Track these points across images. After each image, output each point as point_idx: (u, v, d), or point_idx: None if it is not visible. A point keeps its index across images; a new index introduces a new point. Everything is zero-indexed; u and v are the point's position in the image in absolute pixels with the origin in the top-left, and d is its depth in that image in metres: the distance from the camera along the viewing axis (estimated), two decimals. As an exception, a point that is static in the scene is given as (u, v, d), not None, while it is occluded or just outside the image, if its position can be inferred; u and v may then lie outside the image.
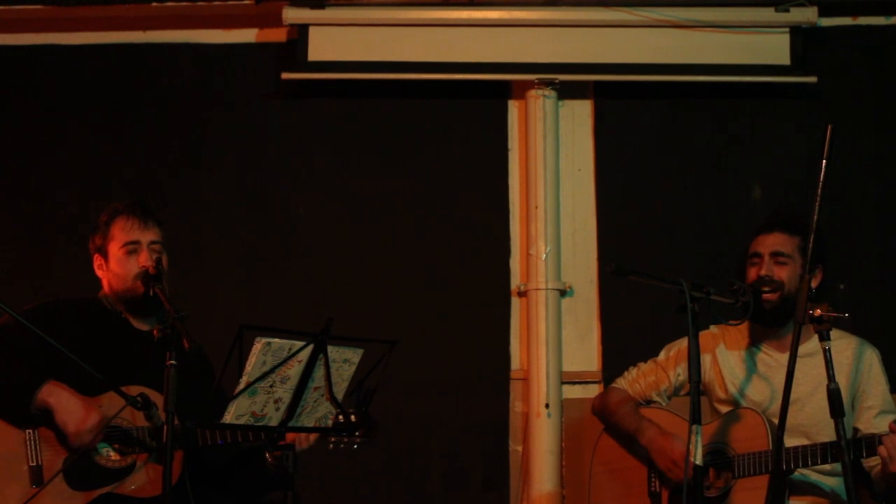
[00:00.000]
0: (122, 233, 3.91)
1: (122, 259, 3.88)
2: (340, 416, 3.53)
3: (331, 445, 3.67)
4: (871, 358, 3.96)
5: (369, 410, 3.61)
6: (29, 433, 3.69)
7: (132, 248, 3.88)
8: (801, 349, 3.66)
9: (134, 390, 3.57)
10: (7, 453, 3.68)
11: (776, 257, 3.95)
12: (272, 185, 5.21)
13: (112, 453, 3.73)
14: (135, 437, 3.72)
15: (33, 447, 3.69)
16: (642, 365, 4.26)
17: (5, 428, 3.70)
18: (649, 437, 4.03)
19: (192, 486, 3.60)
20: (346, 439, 3.65)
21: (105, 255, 3.94)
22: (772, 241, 3.98)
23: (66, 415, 3.63)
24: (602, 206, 5.15)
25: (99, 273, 3.97)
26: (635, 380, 4.22)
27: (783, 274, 3.93)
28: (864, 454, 3.69)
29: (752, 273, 3.97)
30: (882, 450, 3.61)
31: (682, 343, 4.13)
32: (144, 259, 3.86)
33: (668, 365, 4.19)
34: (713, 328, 4.15)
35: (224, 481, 3.98)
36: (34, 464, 3.67)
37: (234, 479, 3.99)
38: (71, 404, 3.64)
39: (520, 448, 5.01)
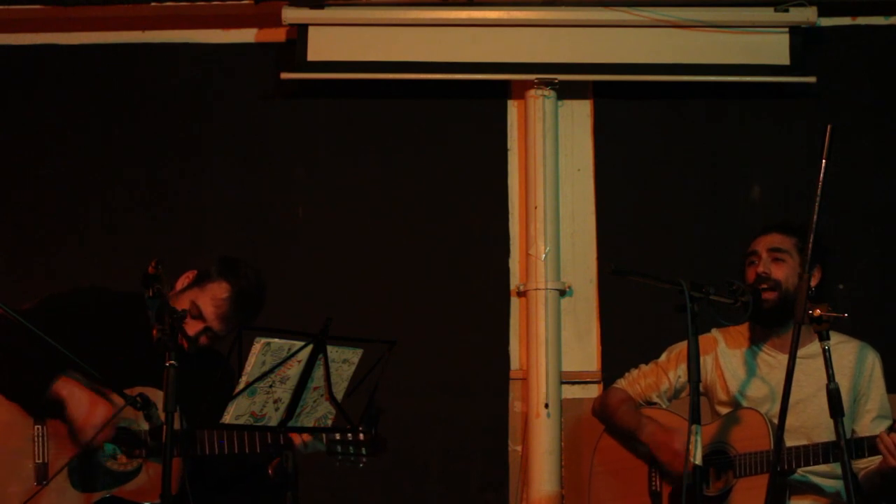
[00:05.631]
0: (209, 297, 3.85)
1: (184, 307, 3.80)
2: (349, 431, 3.53)
3: (338, 463, 3.69)
4: (873, 362, 3.97)
5: (377, 428, 3.64)
6: (37, 429, 3.69)
7: (194, 314, 3.82)
8: (804, 351, 3.67)
9: (136, 391, 3.57)
10: (13, 449, 3.67)
11: (773, 253, 3.97)
12: (272, 184, 5.21)
13: (120, 456, 3.74)
14: (143, 440, 3.72)
15: (40, 444, 3.68)
16: (643, 366, 4.26)
17: (13, 423, 3.69)
18: (649, 433, 4.04)
19: (196, 495, 3.58)
20: (352, 458, 3.66)
21: (190, 285, 3.90)
22: (769, 240, 4.00)
23: (75, 408, 3.63)
24: (601, 206, 5.15)
25: (182, 277, 3.92)
26: (635, 380, 4.23)
27: (780, 272, 3.94)
28: (867, 453, 3.69)
29: (750, 273, 3.98)
30: (881, 446, 3.62)
31: (684, 345, 4.11)
32: (190, 329, 3.82)
33: (669, 366, 4.19)
34: (714, 331, 4.15)
35: (225, 492, 3.98)
36: (40, 461, 3.67)
37: (235, 490, 3.99)
38: (81, 399, 3.63)
39: (519, 448, 5.01)
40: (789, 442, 3.76)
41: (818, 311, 3.39)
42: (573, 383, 5.05)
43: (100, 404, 3.64)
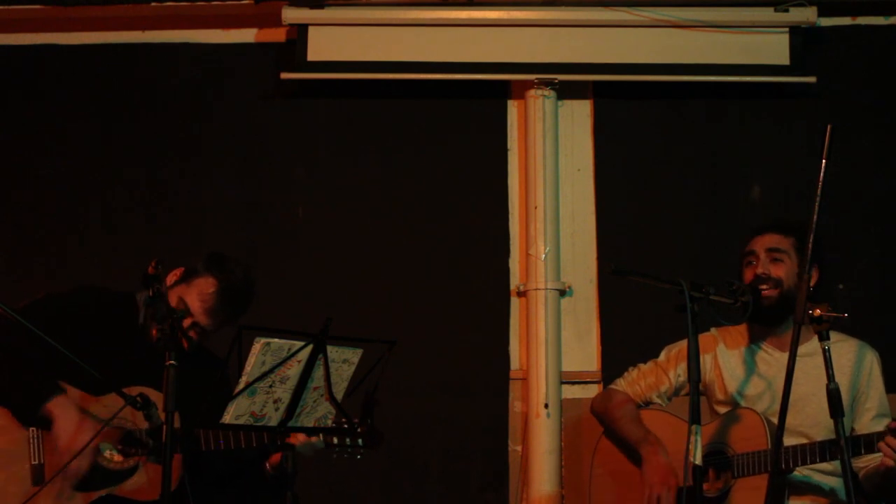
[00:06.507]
0: (195, 292, 3.87)
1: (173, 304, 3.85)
2: (343, 422, 3.53)
3: (335, 455, 3.69)
4: (872, 361, 3.97)
5: (373, 420, 3.64)
6: (32, 431, 3.70)
7: (184, 312, 3.83)
8: (802, 349, 3.66)
9: (134, 391, 3.57)
10: (9, 451, 3.68)
11: (772, 253, 3.97)
12: (271, 185, 5.21)
13: (115, 454, 3.74)
14: (138, 438, 3.72)
15: (36, 446, 3.69)
16: (642, 366, 4.25)
17: (9, 426, 3.70)
18: (647, 452, 3.99)
19: (194, 492, 3.59)
20: (349, 450, 3.66)
21: (178, 282, 3.92)
22: (767, 240, 4.01)
23: (62, 432, 3.63)
24: (601, 206, 5.15)
25: (170, 274, 3.92)
26: (635, 381, 4.22)
27: (780, 272, 3.94)
28: (863, 451, 3.68)
29: (748, 273, 3.98)
30: (884, 447, 3.61)
31: (683, 344, 4.12)
32: (186, 324, 3.84)
33: (669, 366, 4.19)
34: (713, 330, 4.15)
35: (223, 488, 3.99)
36: (36, 462, 3.68)
37: (233, 487, 3.99)
38: (69, 424, 3.62)
39: (519, 448, 5.01)
40: (787, 441, 3.75)
41: (818, 311, 3.39)
42: (573, 383, 5.05)
43: (82, 431, 3.61)
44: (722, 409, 4.05)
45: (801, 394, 3.86)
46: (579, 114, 5.21)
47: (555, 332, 5.00)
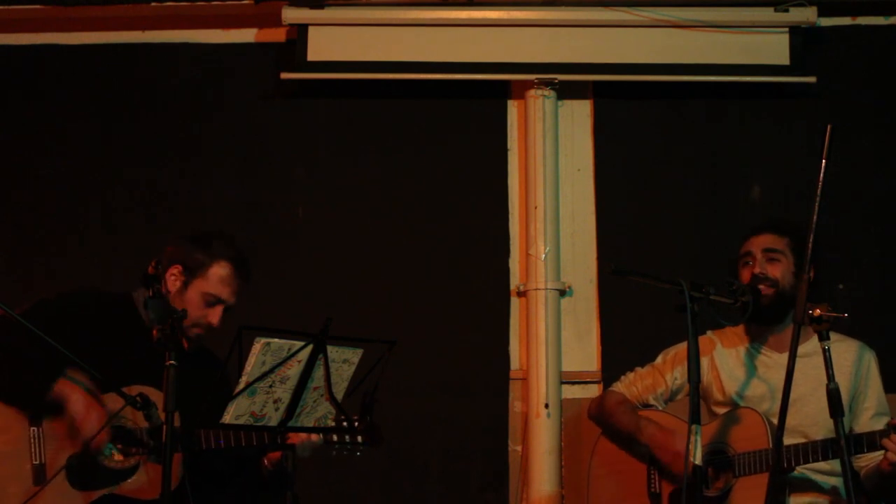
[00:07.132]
0: (216, 281, 3.90)
1: (197, 302, 3.87)
2: (343, 421, 3.53)
3: (334, 452, 3.69)
4: (870, 361, 3.98)
5: (372, 417, 3.63)
6: (34, 431, 3.69)
7: (212, 301, 3.87)
8: (801, 350, 3.66)
9: (134, 390, 3.57)
10: (10, 451, 3.68)
11: (768, 254, 3.98)
12: (271, 185, 5.21)
13: (116, 454, 3.74)
14: (139, 438, 3.73)
15: (37, 445, 3.69)
16: (639, 369, 4.26)
17: (10, 425, 3.70)
18: (649, 434, 4.04)
19: (194, 491, 3.58)
20: (349, 447, 3.66)
21: (187, 280, 3.92)
22: (763, 241, 4.02)
23: (77, 408, 3.63)
24: (601, 206, 5.15)
25: (168, 277, 3.92)
26: (632, 383, 4.23)
27: (777, 271, 3.96)
28: (865, 449, 3.69)
29: (745, 273, 3.99)
30: (888, 442, 3.61)
31: (680, 347, 4.14)
32: (215, 318, 3.86)
33: (666, 368, 4.19)
34: (710, 333, 4.16)
35: (223, 486, 3.99)
36: (37, 462, 3.68)
37: (232, 485, 3.99)
38: (82, 399, 3.64)
39: (519, 448, 5.01)
40: (787, 440, 3.76)
41: (818, 310, 3.39)
42: (573, 383, 5.05)
43: (97, 405, 3.65)
44: (720, 410, 4.06)
45: (800, 394, 3.86)
46: (579, 114, 5.21)
47: (555, 332, 5.00)
